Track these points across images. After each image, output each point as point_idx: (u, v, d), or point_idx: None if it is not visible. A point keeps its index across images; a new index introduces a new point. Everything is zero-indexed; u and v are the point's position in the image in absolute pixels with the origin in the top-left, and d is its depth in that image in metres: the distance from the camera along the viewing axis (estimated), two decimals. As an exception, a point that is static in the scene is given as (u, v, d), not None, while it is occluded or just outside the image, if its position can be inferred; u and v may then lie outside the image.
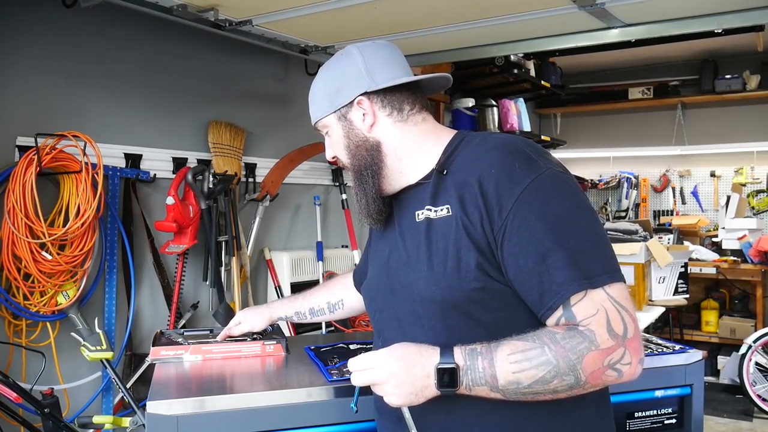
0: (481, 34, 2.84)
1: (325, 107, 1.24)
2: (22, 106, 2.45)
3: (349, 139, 1.22)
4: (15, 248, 2.29)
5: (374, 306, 1.27)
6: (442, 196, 1.13)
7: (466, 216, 1.07)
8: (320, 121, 1.26)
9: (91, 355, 1.92)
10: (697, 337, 5.25)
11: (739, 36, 4.48)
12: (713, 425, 4.07)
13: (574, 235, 1.02)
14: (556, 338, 0.99)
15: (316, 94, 1.27)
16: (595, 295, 1.00)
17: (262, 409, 1.34)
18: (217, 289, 2.96)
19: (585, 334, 0.99)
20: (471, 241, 1.06)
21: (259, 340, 1.70)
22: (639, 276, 3.31)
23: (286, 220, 3.61)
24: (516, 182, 1.04)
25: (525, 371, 0.98)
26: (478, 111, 4.57)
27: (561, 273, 1.00)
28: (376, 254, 1.30)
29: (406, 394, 1.02)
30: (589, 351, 0.98)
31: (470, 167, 1.11)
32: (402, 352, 1.05)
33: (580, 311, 1.00)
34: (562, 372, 0.98)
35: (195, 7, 2.40)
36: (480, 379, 1.00)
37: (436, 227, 1.12)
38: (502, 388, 1.00)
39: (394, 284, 1.19)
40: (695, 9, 2.46)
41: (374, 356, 1.06)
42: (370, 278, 1.32)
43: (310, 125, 1.32)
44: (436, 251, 1.10)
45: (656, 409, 1.67)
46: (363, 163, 1.21)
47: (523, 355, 0.99)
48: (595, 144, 6.24)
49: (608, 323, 0.99)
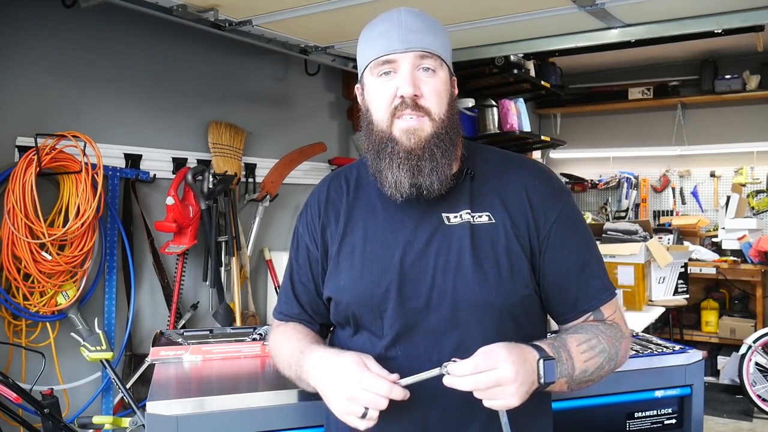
0: (481, 34, 2.85)
1: (446, 50, 1.14)
2: (22, 106, 2.45)
3: (449, 92, 1.13)
4: (15, 248, 2.29)
5: (376, 311, 1.12)
6: (480, 202, 1.13)
7: (513, 224, 1.12)
8: (436, 55, 1.11)
9: (90, 356, 1.92)
10: (697, 338, 5.25)
11: (739, 36, 4.47)
12: (713, 425, 4.07)
13: (595, 248, 1.19)
14: (601, 329, 1.12)
15: (439, 31, 1.14)
16: (613, 300, 1.17)
17: (262, 409, 1.34)
18: (216, 289, 2.96)
19: (615, 326, 1.15)
20: (521, 247, 1.11)
21: (259, 341, 1.70)
22: (639, 276, 3.31)
23: (286, 220, 3.61)
24: (557, 198, 1.16)
25: (592, 359, 1.08)
26: (477, 111, 4.57)
27: (598, 281, 1.15)
28: (371, 255, 1.14)
29: (524, 392, 0.98)
30: (623, 338, 1.14)
31: (505, 176, 1.16)
32: (514, 349, 1.00)
33: (606, 311, 1.15)
34: (611, 357, 1.10)
35: (195, 7, 2.40)
36: (564, 370, 1.05)
37: (479, 233, 1.11)
38: (575, 377, 1.07)
39: (416, 289, 1.10)
40: (695, 9, 2.46)
41: (491, 357, 0.97)
42: (358, 279, 1.14)
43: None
44: (485, 257, 1.09)
45: (656, 409, 1.67)
46: (452, 123, 1.12)
47: (588, 344, 1.08)
48: (595, 144, 6.24)
49: (623, 318, 1.19)
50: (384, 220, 1.16)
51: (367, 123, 1.15)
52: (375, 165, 1.13)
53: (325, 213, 1.22)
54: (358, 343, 1.16)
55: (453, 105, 1.14)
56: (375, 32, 1.14)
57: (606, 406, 1.62)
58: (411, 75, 1.08)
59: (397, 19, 1.11)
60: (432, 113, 1.09)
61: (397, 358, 1.10)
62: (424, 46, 1.09)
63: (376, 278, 1.13)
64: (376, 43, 1.12)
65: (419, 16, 1.13)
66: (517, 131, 4.59)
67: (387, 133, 1.10)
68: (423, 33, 1.10)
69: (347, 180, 1.24)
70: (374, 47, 1.12)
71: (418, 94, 1.08)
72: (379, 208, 1.17)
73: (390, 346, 1.12)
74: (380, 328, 1.13)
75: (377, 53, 1.11)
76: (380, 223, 1.16)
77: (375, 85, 1.13)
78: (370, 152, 1.14)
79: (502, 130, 4.59)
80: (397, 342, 1.11)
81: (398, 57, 1.09)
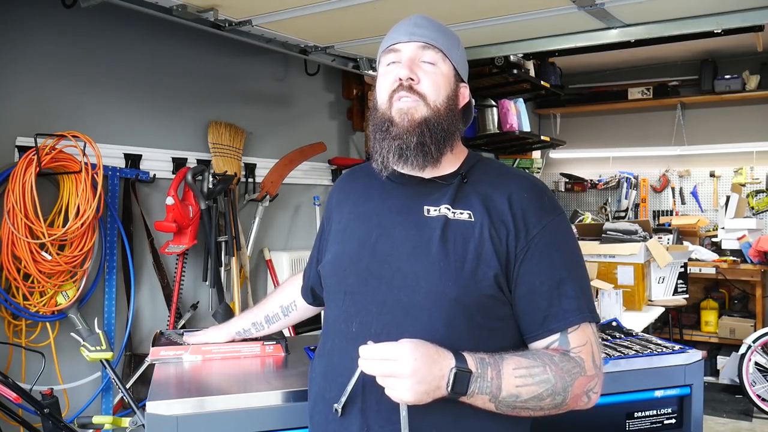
0: (480, 34, 2.85)
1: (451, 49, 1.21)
2: (22, 106, 2.45)
3: (449, 87, 1.20)
4: (15, 248, 2.29)
5: (342, 286, 1.21)
6: (463, 201, 1.17)
7: (493, 228, 1.13)
8: (438, 48, 1.19)
9: (90, 356, 1.92)
10: (697, 337, 5.25)
11: (739, 36, 4.48)
12: (713, 425, 4.07)
13: (580, 272, 1.16)
14: (555, 360, 1.07)
15: (449, 35, 1.23)
16: (586, 328, 1.12)
17: (262, 409, 1.34)
18: (216, 289, 2.96)
19: (576, 361, 1.09)
20: (494, 251, 1.11)
21: (258, 340, 1.70)
22: (638, 276, 3.31)
23: (285, 220, 3.61)
24: (544, 213, 1.15)
25: (527, 386, 1.05)
26: (477, 111, 4.57)
27: (570, 302, 1.11)
28: (353, 234, 1.24)
29: (421, 392, 1.00)
30: (579, 376, 1.08)
31: (495, 185, 1.18)
32: (425, 349, 1.02)
33: (573, 339, 1.10)
34: (556, 391, 1.06)
35: (195, 7, 2.40)
36: (486, 388, 1.03)
37: (453, 227, 1.14)
38: (501, 399, 1.04)
39: (382, 270, 1.15)
40: (695, 9, 2.46)
41: (397, 348, 1.02)
42: (339, 255, 1.25)
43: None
44: (454, 250, 1.12)
45: (656, 409, 1.67)
46: (449, 116, 1.18)
47: (528, 371, 1.05)
48: (594, 144, 6.25)
49: (593, 355, 1.11)
50: (374, 205, 1.24)
51: (372, 108, 1.24)
52: (374, 146, 1.21)
53: (337, 198, 1.35)
54: (330, 318, 1.25)
55: (453, 101, 1.20)
56: (390, 32, 1.25)
57: (605, 406, 1.62)
58: (409, 61, 1.17)
59: (409, 19, 1.22)
60: (427, 98, 1.16)
61: (353, 335, 1.15)
62: (427, 38, 1.18)
63: (351, 255, 1.21)
64: (388, 37, 1.24)
65: (431, 19, 1.23)
66: (517, 131, 4.59)
67: (387, 115, 1.18)
68: (429, 29, 1.19)
69: (363, 171, 1.35)
70: (386, 41, 1.24)
71: (413, 78, 1.16)
72: (374, 193, 1.26)
73: (350, 321, 1.18)
74: (344, 303, 1.20)
75: (386, 45, 1.22)
76: (370, 206, 1.25)
77: (382, 73, 1.22)
78: (372, 133, 1.22)
79: (502, 130, 4.60)
80: (353, 318, 1.17)
81: (402, 46, 1.19)
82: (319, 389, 1.22)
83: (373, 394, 1.09)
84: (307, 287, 1.53)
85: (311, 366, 1.30)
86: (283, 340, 1.72)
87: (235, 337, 1.66)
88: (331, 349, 1.21)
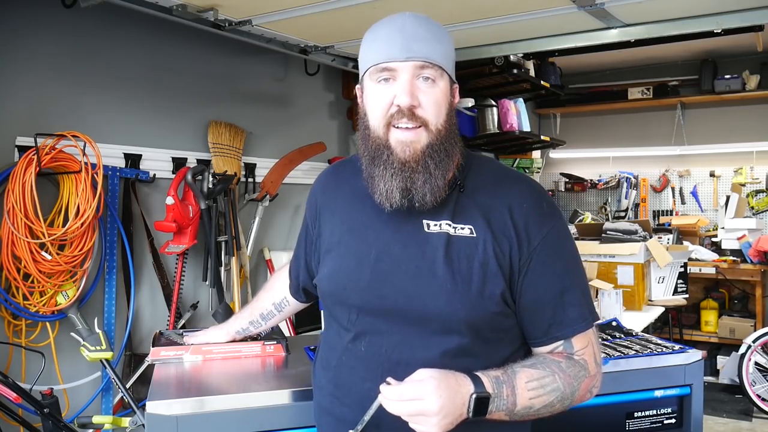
0: (480, 34, 2.85)
1: (448, 58, 1.12)
2: (22, 106, 2.45)
3: (448, 102, 1.12)
4: (15, 248, 2.29)
5: (345, 305, 1.18)
6: (464, 214, 1.13)
7: (496, 243, 1.10)
8: (437, 65, 1.09)
9: (90, 355, 1.92)
10: (697, 337, 5.25)
11: (739, 36, 4.47)
12: (713, 425, 4.07)
13: (581, 278, 1.18)
14: (562, 367, 1.11)
15: (443, 38, 1.12)
16: (589, 331, 1.15)
17: (262, 409, 1.34)
18: (216, 289, 2.96)
19: (581, 364, 1.13)
20: (499, 267, 1.10)
21: (259, 340, 1.70)
22: (638, 276, 3.31)
23: (285, 220, 3.61)
24: (544, 221, 1.14)
25: (540, 397, 1.08)
26: (477, 111, 4.57)
27: (574, 310, 1.13)
28: (348, 250, 1.19)
29: (446, 424, 1.01)
30: (585, 378, 1.12)
31: (494, 193, 1.14)
32: (447, 381, 1.02)
33: (577, 343, 1.14)
34: (565, 397, 1.10)
35: (195, 7, 2.41)
36: (503, 405, 1.05)
37: (456, 245, 1.10)
38: (516, 412, 1.07)
39: (384, 290, 1.12)
40: (695, 9, 2.47)
41: (421, 387, 1.01)
42: (336, 272, 1.19)
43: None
44: (459, 270, 1.09)
45: (656, 409, 1.67)
46: (450, 133, 1.11)
47: (539, 383, 1.08)
48: (594, 144, 6.25)
49: (594, 355, 1.15)
50: (366, 216, 1.18)
51: (363, 127, 1.15)
52: (368, 170, 1.13)
53: (323, 201, 1.29)
54: (330, 334, 1.24)
55: (451, 115, 1.13)
56: (378, 36, 1.12)
57: (605, 406, 1.62)
58: (409, 85, 1.07)
59: (400, 25, 1.10)
60: (429, 123, 1.08)
61: (362, 354, 1.15)
62: (426, 56, 1.08)
63: (350, 273, 1.16)
64: (377, 47, 1.11)
65: (423, 23, 1.11)
66: (517, 131, 4.59)
67: (383, 140, 1.10)
68: (425, 42, 1.09)
69: (348, 171, 1.27)
70: (376, 51, 1.11)
71: (415, 104, 1.07)
72: (366, 202, 1.17)
73: (355, 340, 1.16)
74: (347, 322, 1.17)
75: (378, 59, 1.10)
76: (362, 218, 1.19)
77: (373, 91, 1.11)
78: (364, 157, 1.14)
79: (502, 129, 4.59)
80: (362, 338, 1.15)
81: (398, 66, 1.08)
82: (328, 404, 1.21)
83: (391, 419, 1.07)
84: (297, 287, 1.50)
85: (314, 372, 1.29)
86: (284, 340, 1.72)
87: (235, 336, 1.66)
88: (338, 365, 1.19)
